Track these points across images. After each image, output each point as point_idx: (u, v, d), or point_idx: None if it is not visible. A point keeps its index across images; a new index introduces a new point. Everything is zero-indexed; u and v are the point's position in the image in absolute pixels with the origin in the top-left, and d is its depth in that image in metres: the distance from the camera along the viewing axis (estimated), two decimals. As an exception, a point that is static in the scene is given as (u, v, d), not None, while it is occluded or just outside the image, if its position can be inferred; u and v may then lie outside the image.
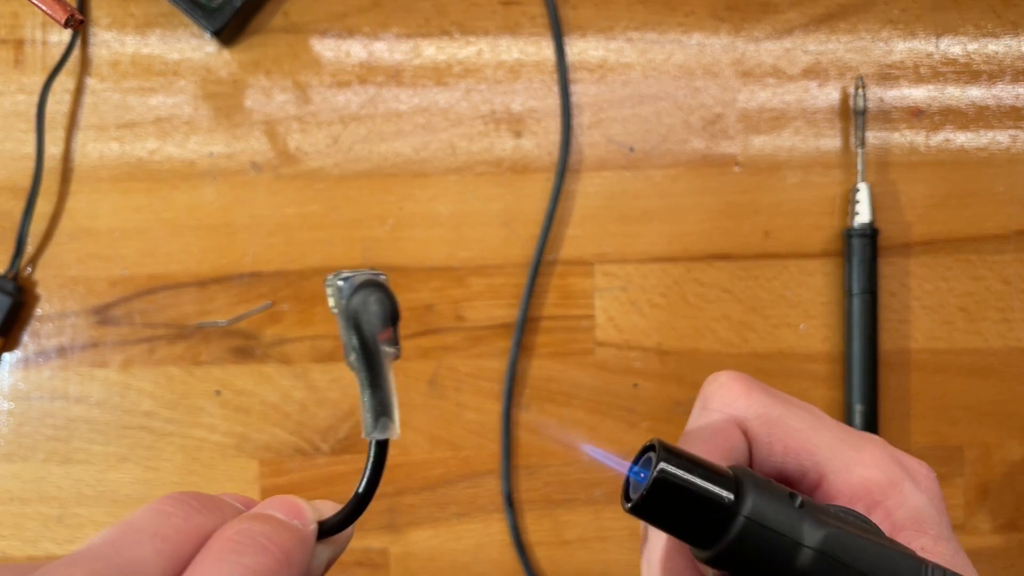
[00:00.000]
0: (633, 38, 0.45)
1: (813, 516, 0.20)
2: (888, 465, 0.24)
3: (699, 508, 0.20)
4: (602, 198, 0.45)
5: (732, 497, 0.20)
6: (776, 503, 0.20)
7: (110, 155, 0.45)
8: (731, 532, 0.19)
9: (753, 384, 0.27)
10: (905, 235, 0.46)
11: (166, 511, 0.20)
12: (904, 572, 0.20)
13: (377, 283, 0.20)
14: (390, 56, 0.45)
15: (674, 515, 0.20)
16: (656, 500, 0.20)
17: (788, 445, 0.25)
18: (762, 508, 0.20)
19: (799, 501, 0.20)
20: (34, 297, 0.45)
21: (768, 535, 0.19)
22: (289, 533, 0.20)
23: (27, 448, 0.44)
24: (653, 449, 0.20)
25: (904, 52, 0.46)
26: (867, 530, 0.21)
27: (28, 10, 0.45)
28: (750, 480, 0.20)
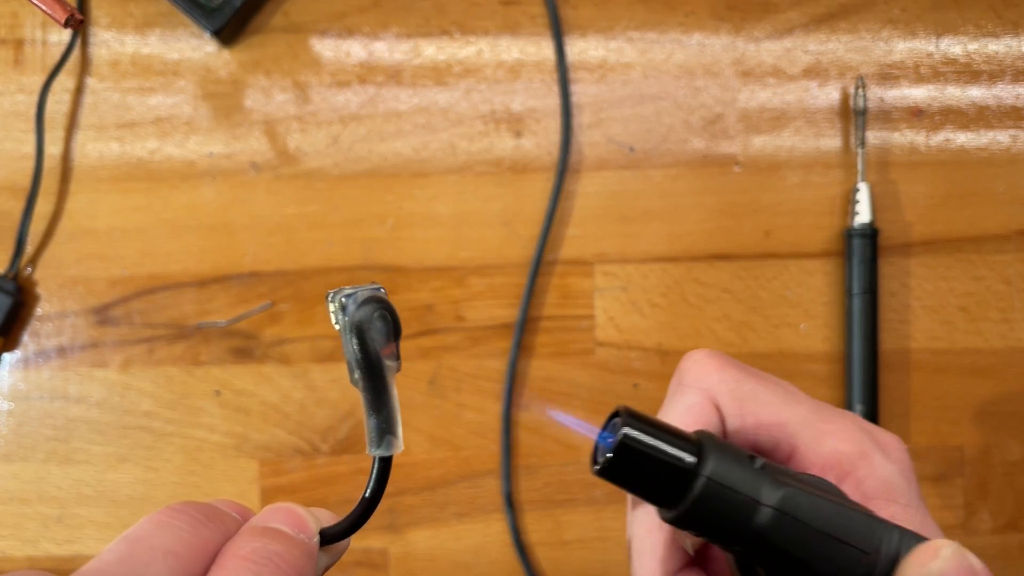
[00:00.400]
0: (633, 38, 0.45)
1: (772, 477, 0.20)
2: (858, 437, 0.25)
3: (662, 470, 0.20)
4: (602, 198, 0.45)
5: (694, 459, 0.20)
6: (736, 464, 0.20)
7: (110, 155, 0.45)
8: (692, 492, 0.20)
9: (726, 360, 0.27)
10: (905, 235, 0.46)
11: (174, 525, 0.20)
12: (861, 529, 0.20)
13: (379, 299, 0.20)
14: (390, 56, 0.45)
15: (638, 477, 0.21)
16: (621, 463, 0.21)
17: (760, 419, 0.25)
18: (722, 469, 0.20)
19: (759, 463, 0.21)
20: (34, 297, 0.45)
21: (728, 494, 0.20)
22: (299, 549, 0.21)
23: (27, 448, 0.44)
24: (619, 415, 0.21)
25: (904, 52, 0.46)
26: (827, 491, 0.21)
27: (28, 10, 0.45)
28: (711, 443, 0.21)
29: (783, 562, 0.20)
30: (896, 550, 0.20)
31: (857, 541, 0.20)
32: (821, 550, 0.20)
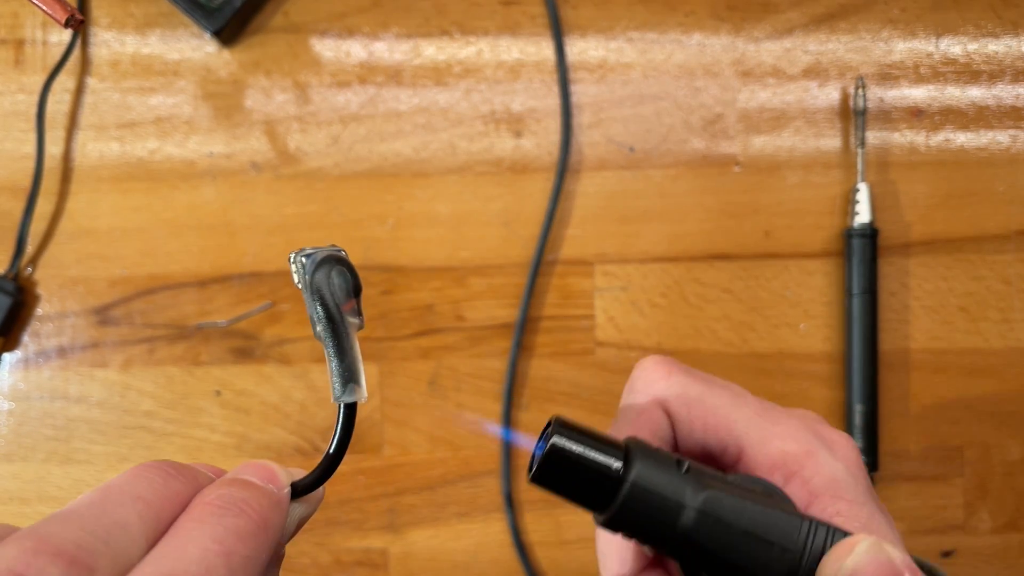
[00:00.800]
0: (633, 38, 0.45)
1: (697, 480, 0.21)
2: (804, 436, 0.25)
3: (590, 475, 0.21)
4: (602, 198, 0.45)
5: (620, 465, 0.21)
6: (662, 469, 0.21)
7: (110, 155, 0.45)
8: (619, 497, 0.21)
9: (674, 366, 0.27)
10: (905, 235, 0.46)
11: (145, 476, 0.21)
12: (784, 527, 0.21)
13: (338, 258, 0.22)
14: (390, 56, 0.45)
15: (568, 483, 0.22)
16: (551, 469, 0.22)
17: (707, 422, 0.26)
18: (647, 473, 0.21)
19: (685, 467, 0.22)
20: (34, 297, 0.45)
21: (653, 498, 0.21)
22: (266, 497, 0.21)
23: (27, 448, 0.44)
24: (551, 425, 0.22)
25: (904, 52, 0.46)
26: (755, 492, 0.22)
27: (28, 10, 0.45)
28: (638, 449, 0.22)
29: (711, 563, 0.21)
30: (822, 547, 0.21)
31: (780, 539, 0.21)
32: (745, 549, 0.21)
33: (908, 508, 0.46)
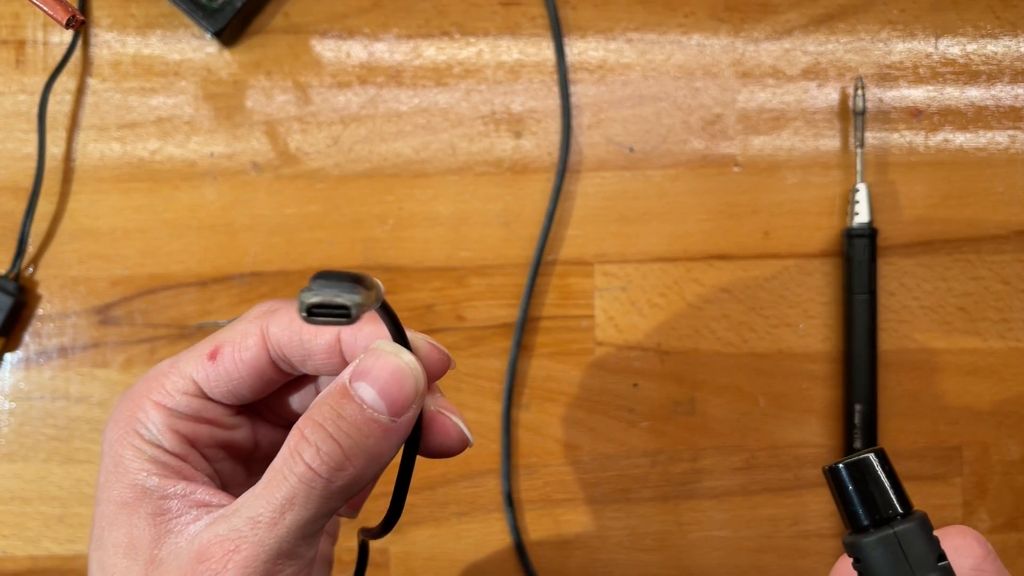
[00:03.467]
0: (633, 39, 0.46)
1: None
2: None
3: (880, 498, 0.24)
4: (602, 198, 0.45)
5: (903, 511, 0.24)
6: (923, 545, 0.24)
7: (111, 155, 0.45)
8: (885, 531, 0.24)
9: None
10: (904, 235, 0.46)
11: None
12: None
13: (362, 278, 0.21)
14: (390, 57, 0.45)
15: (861, 490, 0.24)
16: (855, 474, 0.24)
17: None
18: (911, 534, 0.24)
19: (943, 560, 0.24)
20: (35, 297, 0.45)
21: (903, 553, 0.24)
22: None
23: (28, 448, 0.45)
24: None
25: (903, 53, 0.46)
26: None
27: (29, 10, 0.45)
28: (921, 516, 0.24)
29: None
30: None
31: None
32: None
33: (907, 507, 0.46)
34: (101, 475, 0.25)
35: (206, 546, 0.23)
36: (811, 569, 0.46)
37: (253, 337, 0.26)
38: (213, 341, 0.26)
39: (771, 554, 0.46)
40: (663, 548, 0.45)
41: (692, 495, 0.45)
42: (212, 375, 0.26)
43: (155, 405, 0.26)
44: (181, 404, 0.26)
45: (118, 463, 0.25)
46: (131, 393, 0.26)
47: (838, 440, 0.46)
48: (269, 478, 0.23)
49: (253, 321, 0.26)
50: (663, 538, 0.45)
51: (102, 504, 0.25)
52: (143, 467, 0.25)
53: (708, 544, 0.45)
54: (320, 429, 0.23)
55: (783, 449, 0.46)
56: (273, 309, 0.27)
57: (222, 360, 0.26)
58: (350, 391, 0.23)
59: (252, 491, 0.24)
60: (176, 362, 0.26)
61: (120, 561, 0.24)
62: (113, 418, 0.26)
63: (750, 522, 0.46)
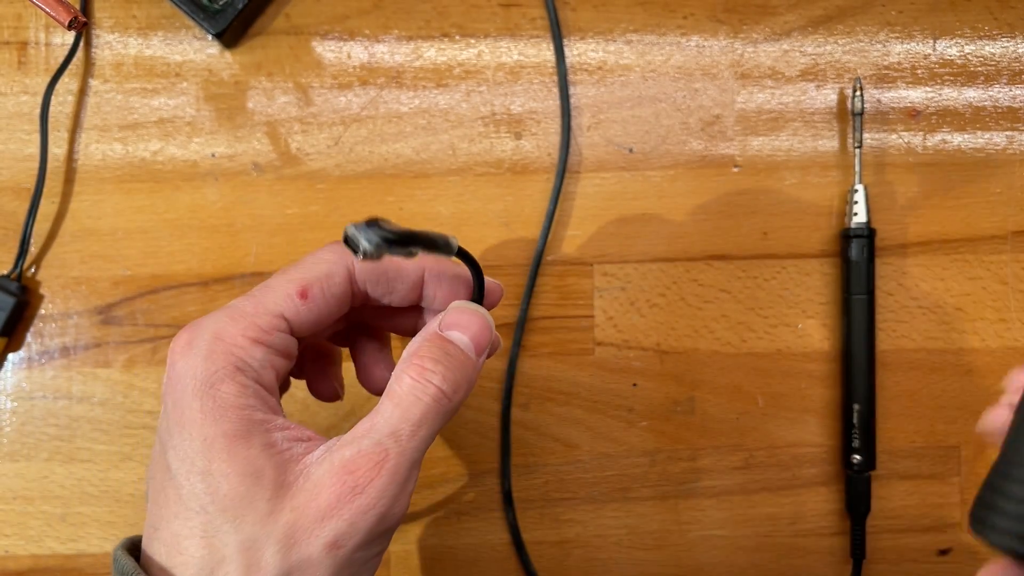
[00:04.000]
0: (632, 40, 0.46)
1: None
2: None
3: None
4: (601, 199, 0.46)
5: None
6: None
7: (113, 156, 0.45)
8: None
9: None
10: (902, 235, 0.46)
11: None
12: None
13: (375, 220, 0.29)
14: (391, 58, 0.45)
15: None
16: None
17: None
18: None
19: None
20: (38, 297, 0.45)
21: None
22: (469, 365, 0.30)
23: (30, 447, 0.45)
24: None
25: (901, 54, 0.46)
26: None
27: (31, 12, 0.45)
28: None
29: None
30: None
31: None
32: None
33: (905, 506, 0.46)
34: (188, 411, 0.27)
35: (352, 460, 0.27)
36: (809, 568, 0.46)
37: (340, 275, 0.29)
38: (296, 279, 0.29)
39: (769, 553, 0.46)
40: (662, 547, 0.46)
41: (691, 494, 0.46)
42: (303, 312, 0.28)
43: (254, 342, 0.28)
44: (277, 342, 0.28)
45: (220, 398, 0.27)
46: (217, 331, 0.27)
47: (836, 440, 0.46)
48: (399, 400, 0.28)
49: (336, 260, 0.29)
50: (662, 537, 0.46)
51: (202, 438, 0.26)
52: (249, 402, 0.27)
53: (707, 543, 0.46)
54: (438, 363, 0.28)
55: (782, 448, 0.46)
56: (348, 252, 0.29)
57: (313, 298, 0.29)
58: (448, 337, 0.29)
59: (378, 415, 0.28)
60: (261, 301, 0.28)
61: (239, 488, 0.26)
62: (200, 354, 0.27)
63: (749, 521, 0.46)
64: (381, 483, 0.26)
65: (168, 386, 0.28)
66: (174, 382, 0.27)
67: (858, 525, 0.45)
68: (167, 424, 0.27)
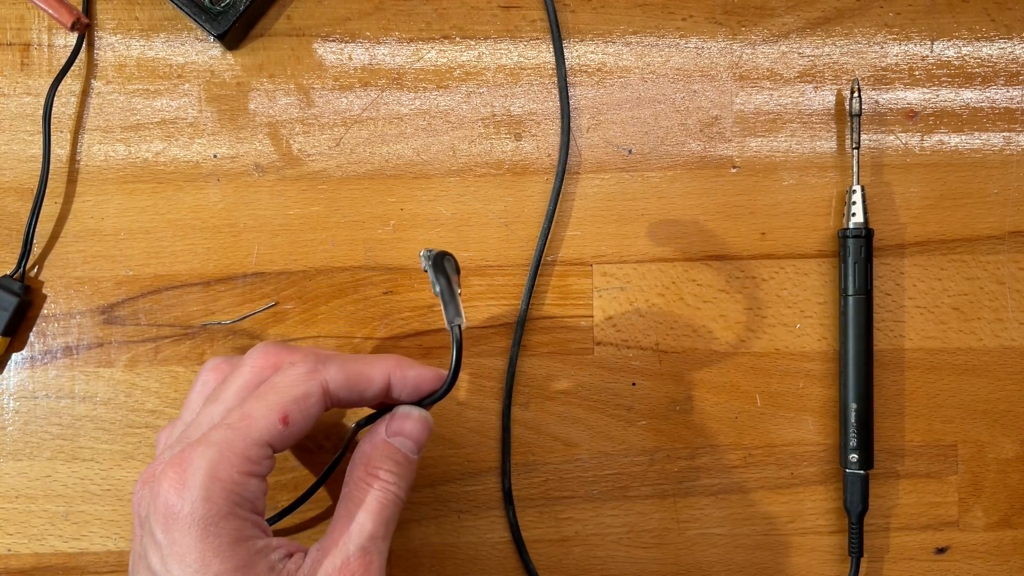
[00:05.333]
0: (631, 42, 0.46)
1: None
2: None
3: None
4: (601, 199, 0.46)
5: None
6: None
7: (116, 157, 0.45)
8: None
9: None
10: (900, 236, 0.46)
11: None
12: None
13: (448, 252, 0.34)
14: (392, 60, 0.46)
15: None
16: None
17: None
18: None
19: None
20: (40, 297, 0.45)
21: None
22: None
23: (33, 446, 0.45)
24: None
25: (899, 55, 0.46)
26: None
27: (34, 14, 0.45)
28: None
29: None
30: None
31: None
32: None
33: (903, 505, 0.46)
34: (193, 550, 0.29)
35: (344, 567, 0.31)
36: (807, 566, 0.46)
37: (315, 395, 0.32)
38: (276, 406, 0.31)
39: (768, 551, 0.46)
40: (661, 545, 0.46)
41: (690, 492, 0.46)
42: (285, 436, 0.31)
43: (247, 476, 0.30)
44: (264, 468, 0.31)
45: (225, 535, 0.29)
46: (211, 470, 0.29)
47: (834, 438, 0.46)
48: (367, 508, 0.32)
49: (309, 379, 0.32)
50: (661, 535, 0.46)
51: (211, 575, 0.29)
52: (248, 533, 0.30)
53: (706, 541, 0.46)
54: (392, 473, 0.33)
55: (780, 447, 0.46)
56: (319, 364, 0.33)
57: (293, 423, 0.31)
58: (394, 445, 0.34)
59: (352, 522, 0.32)
60: (247, 433, 0.30)
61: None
62: (198, 494, 0.29)
63: (747, 519, 0.46)
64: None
65: (160, 520, 0.29)
66: (171, 519, 0.29)
67: (856, 523, 0.45)
68: (162, 557, 0.29)
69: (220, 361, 0.36)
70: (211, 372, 0.36)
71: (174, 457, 0.30)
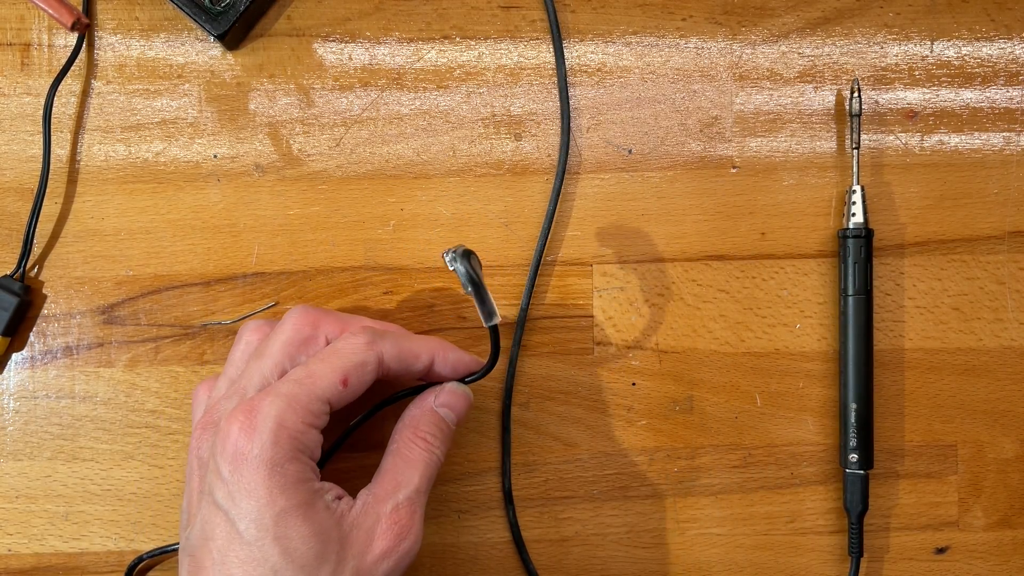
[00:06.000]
0: (631, 42, 0.46)
1: None
2: None
3: None
4: (601, 199, 0.46)
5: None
6: None
7: (116, 157, 0.45)
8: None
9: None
10: (899, 236, 0.46)
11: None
12: None
13: (473, 251, 0.34)
14: (392, 60, 0.46)
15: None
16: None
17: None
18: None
19: None
20: (41, 297, 0.45)
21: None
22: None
23: (33, 446, 0.45)
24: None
25: (899, 55, 0.47)
26: None
27: (34, 14, 0.45)
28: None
29: None
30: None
31: None
32: None
33: (903, 505, 0.46)
34: (261, 487, 0.32)
35: (395, 512, 0.35)
36: (807, 566, 0.46)
37: (372, 364, 0.36)
38: (339, 368, 0.35)
39: (768, 551, 0.46)
40: (661, 545, 0.46)
41: (690, 493, 0.46)
42: (343, 396, 0.35)
43: (309, 427, 0.34)
44: (323, 422, 0.35)
45: (289, 476, 0.33)
46: (280, 418, 0.33)
47: (834, 438, 0.46)
48: (415, 465, 0.37)
49: (368, 349, 0.36)
50: (661, 535, 0.46)
51: (277, 509, 0.32)
52: (308, 475, 0.34)
53: (705, 541, 0.46)
54: (436, 437, 0.38)
55: (779, 447, 0.46)
56: (376, 338, 0.36)
57: (351, 385, 0.35)
58: (441, 415, 0.38)
59: (400, 474, 0.37)
60: (312, 390, 0.34)
61: (315, 548, 0.33)
62: (267, 439, 0.33)
63: (747, 519, 0.46)
64: (417, 529, 0.36)
65: (228, 459, 0.33)
66: (239, 459, 0.33)
67: (856, 523, 0.45)
68: (229, 492, 0.33)
69: (260, 323, 0.39)
70: (253, 333, 0.39)
71: (242, 404, 0.33)
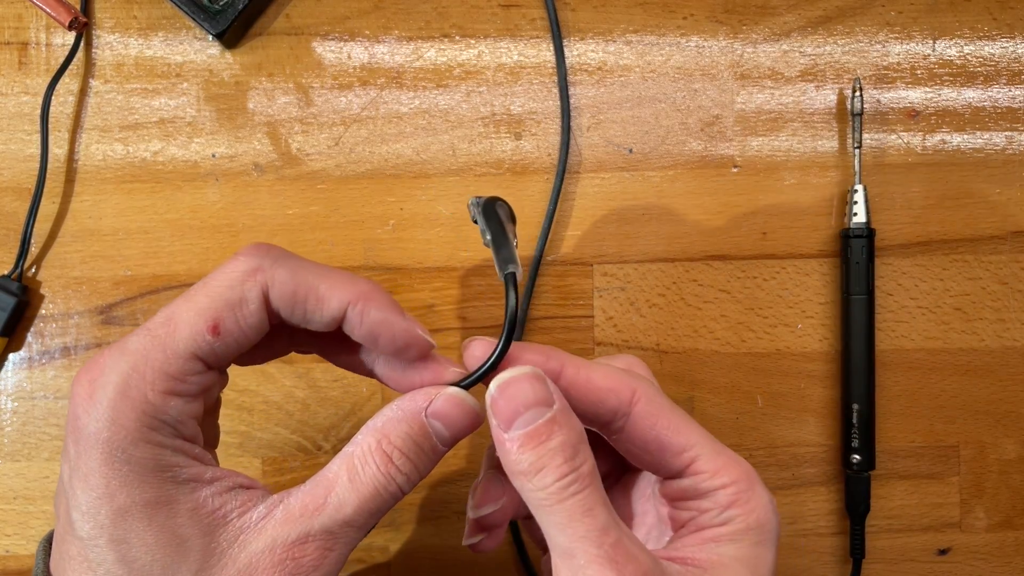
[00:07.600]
0: (632, 41, 0.46)
1: None
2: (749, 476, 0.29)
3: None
4: (601, 199, 0.46)
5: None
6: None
7: (114, 156, 0.45)
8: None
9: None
10: (901, 236, 0.46)
11: None
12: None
13: (503, 199, 0.29)
14: (391, 58, 0.45)
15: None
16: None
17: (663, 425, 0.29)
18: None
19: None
20: (38, 297, 0.45)
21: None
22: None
23: (31, 447, 0.45)
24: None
25: (901, 54, 0.46)
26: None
27: (32, 12, 0.45)
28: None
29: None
30: None
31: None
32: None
33: (904, 506, 0.46)
34: (96, 476, 0.24)
35: (298, 545, 0.25)
36: (809, 567, 0.46)
37: (254, 303, 0.25)
38: (205, 311, 0.25)
39: (769, 552, 0.46)
40: (662, 546, 0.46)
41: (691, 494, 0.46)
42: (218, 348, 0.25)
43: (166, 395, 0.24)
44: (192, 387, 0.25)
45: (135, 463, 0.24)
46: (122, 385, 0.24)
47: (835, 439, 0.46)
48: (359, 487, 0.25)
49: (247, 280, 0.25)
50: (662, 536, 0.46)
51: (115, 508, 0.24)
52: (169, 462, 0.24)
53: (707, 542, 0.46)
54: (406, 458, 0.26)
55: (781, 448, 0.46)
56: (268, 263, 0.26)
57: (227, 332, 0.25)
58: (427, 425, 0.26)
59: (332, 491, 0.25)
60: (167, 343, 0.24)
61: (161, 559, 0.24)
62: (104, 413, 0.24)
63: (748, 520, 0.46)
64: (323, 572, 0.25)
65: (71, 430, 0.24)
66: (78, 434, 0.24)
67: (857, 525, 0.45)
68: (70, 473, 0.24)
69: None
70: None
71: (91, 360, 0.25)
